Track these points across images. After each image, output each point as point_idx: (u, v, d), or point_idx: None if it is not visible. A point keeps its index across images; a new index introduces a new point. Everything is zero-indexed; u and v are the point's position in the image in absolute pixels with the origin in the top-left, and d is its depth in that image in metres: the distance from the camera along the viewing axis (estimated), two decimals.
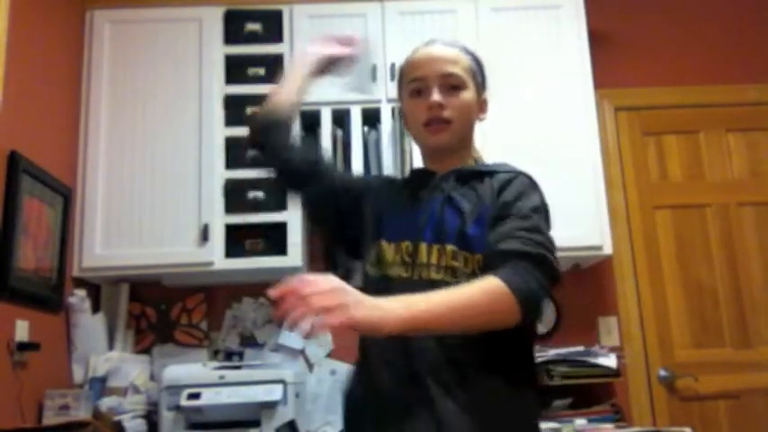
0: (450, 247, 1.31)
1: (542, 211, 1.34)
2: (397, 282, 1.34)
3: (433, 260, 1.32)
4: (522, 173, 1.39)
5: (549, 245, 1.27)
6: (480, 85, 1.47)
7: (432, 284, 1.25)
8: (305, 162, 1.51)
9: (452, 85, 1.40)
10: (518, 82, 2.90)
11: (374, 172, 2.82)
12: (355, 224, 1.48)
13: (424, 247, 1.34)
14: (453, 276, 1.29)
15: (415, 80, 1.42)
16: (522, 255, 1.22)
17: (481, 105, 1.48)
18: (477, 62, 1.49)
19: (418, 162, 2.93)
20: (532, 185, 1.37)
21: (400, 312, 1.09)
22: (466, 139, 1.46)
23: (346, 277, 1.15)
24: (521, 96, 2.88)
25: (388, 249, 1.38)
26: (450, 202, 1.37)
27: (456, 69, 1.41)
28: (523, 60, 2.92)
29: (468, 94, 1.42)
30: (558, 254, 1.29)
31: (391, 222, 1.41)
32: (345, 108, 2.85)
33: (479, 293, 1.16)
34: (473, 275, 1.26)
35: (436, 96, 1.38)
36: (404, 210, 1.43)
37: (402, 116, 1.54)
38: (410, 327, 1.09)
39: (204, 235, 2.70)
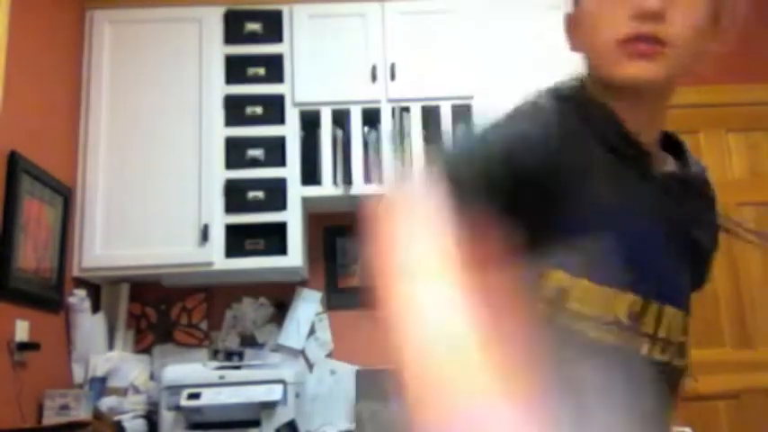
0: (683, 316, 0.87)
1: None
2: (598, 350, 0.80)
3: (662, 331, 0.84)
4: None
5: None
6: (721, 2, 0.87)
7: (651, 368, 0.83)
8: None
9: None
10: (518, 82, 2.90)
11: (374, 172, 2.82)
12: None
13: (658, 309, 0.84)
14: (681, 358, 0.87)
15: None
16: None
17: (718, 32, 0.90)
18: None
19: (418, 162, 2.95)
20: None
21: None
22: (678, 79, 0.90)
23: None
24: (521, 96, 2.88)
25: (591, 295, 0.80)
26: (687, 238, 0.89)
27: None
28: (524, 60, 2.92)
29: (703, 8, 0.85)
30: None
31: (608, 255, 0.80)
32: (345, 108, 2.85)
33: None
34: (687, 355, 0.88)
35: (654, 1, 0.79)
36: (631, 220, 0.84)
37: (569, 22, 0.96)
38: None
39: (204, 235, 2.70)
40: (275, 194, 2.76)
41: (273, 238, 2.74)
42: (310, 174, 2.82)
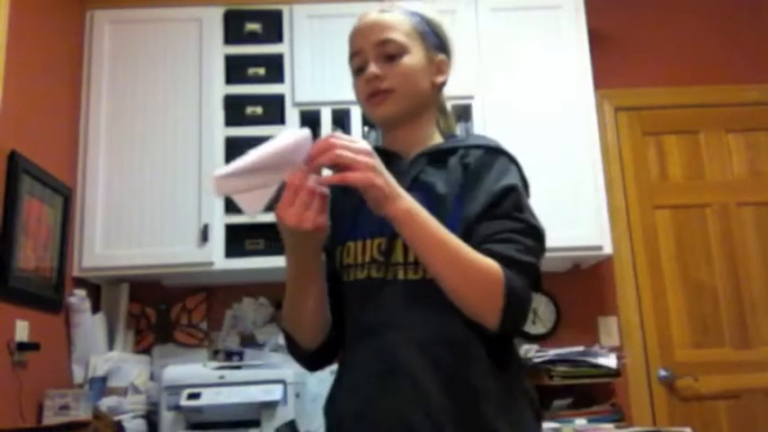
0: None
1: (526, 195, 1.25)
2: (367, 284, 1.21)
3: (411, 257, 1.17)
4: (500, 149, 1.27)
5: (538, 250, 1.19)
6: (433, 47, 1.32)
7: (409, 286, 1.17)
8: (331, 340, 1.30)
9: (390, 54, 1.27)
10: (518, 82, 2.90)
11: None
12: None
13: (400, 243, 1.18)
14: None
15: (353, 56, 1.33)
16: (519, 264, 1.13)
17: (437, 67, 1.32)
18: (427, 22, 1.33)
19: None
20: (515, 167, 1.25)
21: (406, 204, 1.08)
22: (419, 107, 1.30)
23: None
24: (520, 96, 2.89)
25: (355, 249, 1.24)
26: (421, 186, 1.22)
27: (393, 35, 1.27)
28: (523, 61, 2.92)
29: (412, 59, 1.27)
30: (558, 254, 1.27)
31: (358, 220, 1.24)
32: (345, 108, 2.85)
33: (478, 265, 1.10)
34: None
35: (372, 69, 1.26)
36: None
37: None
38: (405, 222, 1.08)
39: (204, 235, 2.70)
40: (275, 194, 2.75)
41: (273, 239, 2.74)
42: None
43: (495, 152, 1.26)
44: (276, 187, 1.04)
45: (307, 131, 1.06)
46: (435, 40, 1.33)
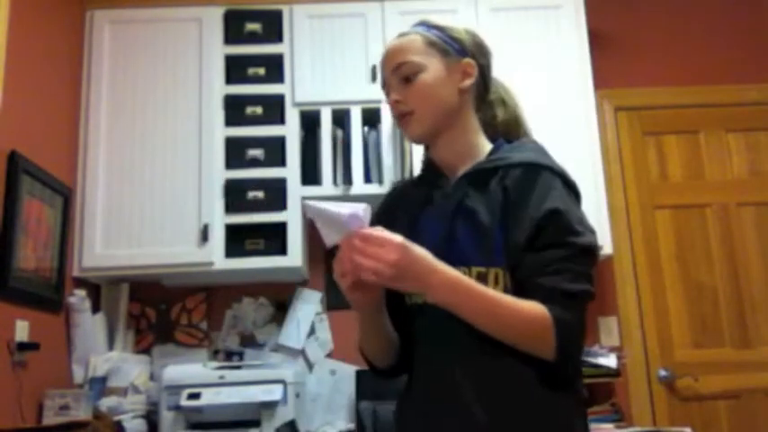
0: (475, 270, 1.20)
1: (576, 202, 1.26)
2: (423, 309, 1.25)
3: None
4: (540, 164, 1.26)
5: (590, 271, 1.20)
6: (454, 53, 1.33)
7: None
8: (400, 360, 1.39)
9: (406, 76, 1.30)
10: (518, 82, 2.90)
11: (374, 172, 2.83)
12: None
13: None
14: None
15: (383, 86, 1.37)
16: (570, 295, 1.16)
17: (461, 72, 1.33)
18: (442, 30, 1.36)
19: (418, 163, 2.95)
20: (558, 181, 1.25)
21: (440, 289, 1.13)
22: (447, 118, 1.31)
23: None
24: (521, 97, 2.88)
25: None
26: (465, 214, 1.24)
27: (406, 57, 1.31)
28: (523, 61, 2.92)
29: (428, 74, 1.30)
30: None
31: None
32: (345, 108, 2.85)
33: (524, 317, 1.14)
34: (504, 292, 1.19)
35: (392, 95, 1.32)
36: (425, 225, 1.31)
37: None
38: (446, 303, 1.14)
39: (204, 235, 2.70)
40: (275, 194, 2.76)
41: (273, 238, 2.74)
42: (310, 174, 2.82)
43: (535, 168, 1.25)
44: (338, 238, 1.15)
45: (365, 208, 1.14)
46: (456, 46, 1.34)
